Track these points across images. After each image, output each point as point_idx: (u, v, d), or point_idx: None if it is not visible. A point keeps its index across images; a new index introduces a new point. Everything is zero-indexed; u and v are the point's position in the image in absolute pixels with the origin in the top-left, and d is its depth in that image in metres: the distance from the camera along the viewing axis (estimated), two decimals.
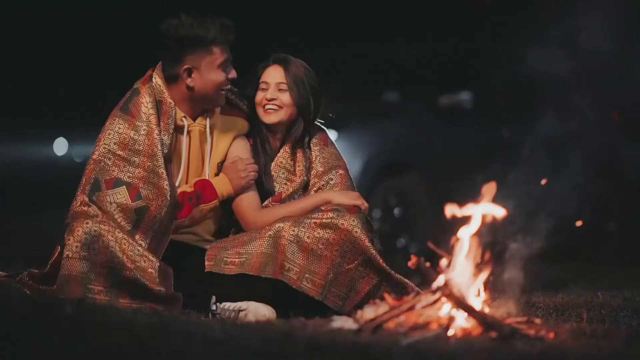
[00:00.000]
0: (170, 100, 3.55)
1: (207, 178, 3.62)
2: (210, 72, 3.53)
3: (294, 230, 3.46)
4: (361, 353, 2.47)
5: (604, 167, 6.59)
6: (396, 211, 7.04)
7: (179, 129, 3.59)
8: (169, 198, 3.47)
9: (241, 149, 3.70)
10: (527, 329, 2.88)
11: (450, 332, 2.82)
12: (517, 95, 7.40)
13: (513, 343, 2.74)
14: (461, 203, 3.10)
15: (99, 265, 3.26)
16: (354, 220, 3.48)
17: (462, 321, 2.87)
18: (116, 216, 3.39)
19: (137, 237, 3.38)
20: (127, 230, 3.37)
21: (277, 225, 3.49)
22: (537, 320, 3.03)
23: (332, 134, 6.76)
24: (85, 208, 3.37)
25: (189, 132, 3.60)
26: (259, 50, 3.95)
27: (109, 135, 3.49)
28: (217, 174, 3.65)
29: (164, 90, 3.55)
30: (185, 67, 3.52)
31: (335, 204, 3.55)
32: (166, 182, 3.48)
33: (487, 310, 2.97)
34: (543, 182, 3.63)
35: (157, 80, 3.57)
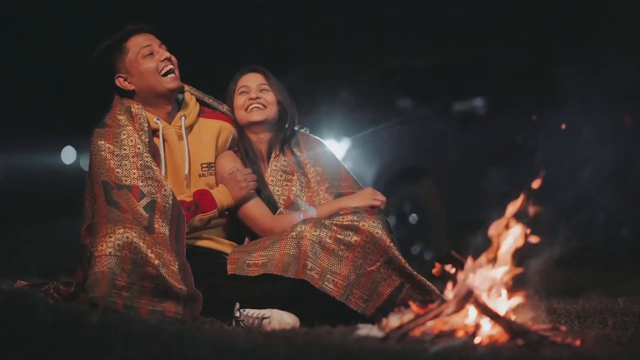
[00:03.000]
0: (137, 103, 3.65)
1: (186, 176, 3.64)
2: (137, 66, 3.63)
3: (315, 232, 3.47)
4: None
5: (618, 171, 6.56)
6: (412, 217, 7.01)
7: (156, 134, 3.65)
8: (169, 186, 3.53)
9: (232, 161, 3.72)
10: (554, 336, 2.85)
11: (477, 340, 2.80)
12: (531, 101, 7.39)
13: (540, 350, 2.72)
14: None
15: (123, 261, 3.25)
16: (374, 222, 3.49)
17: (488, 328, 2.84)
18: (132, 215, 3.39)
19: (157, 230, 3.39)
20: (145, 227, 3.38)
21: (298, 227, 3.50)
22: (563, 327, 3.01)
23: (346, 142, 6.75)
24: (104, 211, 3.35)
25: (165, 135, 3.64)
26: (271, 55, 3.95)
27: (94, 149, 3.55)
28: (202, 175, 3.67)
29: (128, 99, 3.67)
30: (117, 76, 3.65)
31: (353, 208, 3.55)
32: (161, 173, 3.55)
33: (513, 317, 2.95)
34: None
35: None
